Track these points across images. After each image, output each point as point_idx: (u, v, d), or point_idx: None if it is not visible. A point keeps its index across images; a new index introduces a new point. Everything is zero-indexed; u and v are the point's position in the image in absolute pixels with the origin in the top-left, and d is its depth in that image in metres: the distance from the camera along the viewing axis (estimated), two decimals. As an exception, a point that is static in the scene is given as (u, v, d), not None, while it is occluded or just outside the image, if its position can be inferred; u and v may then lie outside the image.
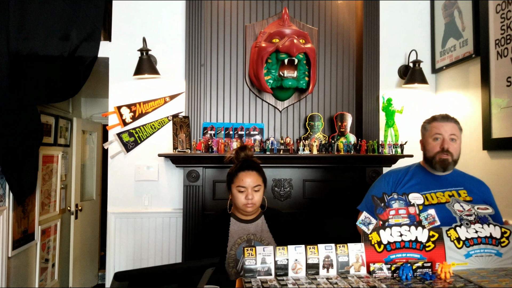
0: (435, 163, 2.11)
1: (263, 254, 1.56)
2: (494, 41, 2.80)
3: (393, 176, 2.24)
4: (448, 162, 2.09)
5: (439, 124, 2.13)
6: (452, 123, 2.14)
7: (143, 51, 3.10)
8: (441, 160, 2.09)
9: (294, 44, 2.99)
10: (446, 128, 2.11)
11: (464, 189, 2.10)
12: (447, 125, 2.12)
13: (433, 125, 2.15)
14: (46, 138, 4.03)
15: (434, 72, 3.57)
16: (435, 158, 2.11)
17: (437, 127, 2.13)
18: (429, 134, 2.15)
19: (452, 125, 2.13)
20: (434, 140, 2.12)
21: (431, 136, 2.13)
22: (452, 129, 2.11)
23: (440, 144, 2.09)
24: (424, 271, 1.55)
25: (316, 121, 3.35)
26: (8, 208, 3.15)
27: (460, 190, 2.09)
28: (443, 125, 2.12)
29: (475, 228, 1.68)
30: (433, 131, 2.13)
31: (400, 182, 2.19)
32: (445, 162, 2.09)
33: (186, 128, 3.14)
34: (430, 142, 2.14)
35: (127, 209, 3.29)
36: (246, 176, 2.16)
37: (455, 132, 2.12)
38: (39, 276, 3.91)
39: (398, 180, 2.21)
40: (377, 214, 1.64)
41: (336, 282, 1.47)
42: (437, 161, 2.10)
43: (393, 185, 2.20)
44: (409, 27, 3.58)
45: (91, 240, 5.23)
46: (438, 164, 2.10)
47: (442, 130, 2.11)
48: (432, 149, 2.12)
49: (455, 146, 2.10)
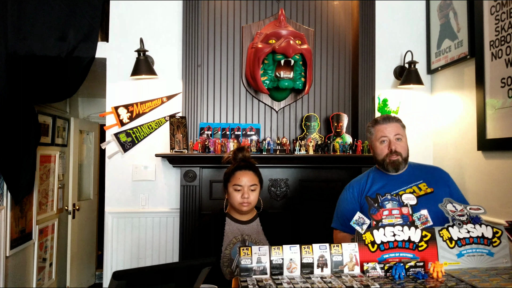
0: (387, 165, 2.14)
1: (258, 254, 1.58)
2: (489, 43, 2.83)
3: (356, 186, 2.26)
4: (399, 162, 2.13)
5: (383, 127, 2.16)
6: (395, 122, 2.17)
7: (140, 52, 3.12)
8: (391, 162, 2.13)
9: (290, 45, 3.01)
10: (390, 129, 2.14)
11: (423, 182, 2.14)
12: (390, 126, 2.15)
13: (377, 128, 2.18)
14: (43, 138, 4.04)
15: (429, 73, 3.59)
16: (385, 160, 2.14)
17: (381, 130, 2.15)
18: (375, 138, 2.18)
19: (395, 125, 2.16)
20: (381, 143, 2.15)
21: (377, 140, 2.16)
22: (396, 129, 2.15)
23: (388, 146, 2.13)
24: (417, 271, 1.57)
25: (312, 121, 3.37)
26: (6, 207, 3.17)
27: (419, 184, 2.13)
28: (386, 126, 2.15)
29: (467, 228, 1.71)
30: (378, 135, 2.16)
31: (363, 190, 2.22)
32: (395, 163, 2.13)
33: (183, 128, 3.15)
34: (377, 145, 2.17)
35: (124, 209, 3.31)
36: (243, 175, 2.19)
37: (399, 132, 2.15)
38: (37, 275, 3.92)
39: (361, 189, 2.23)
40: (371, 214, 1.66)
41: (330, 281, 1.49)
42: (388, 163, 2.14)
43: (358, 195, 2.23)
44: (404, 28, 3.61)
45: (88, 239, 5.24)
46: (390, 165, 2.14)
47: (387, 132, 2.14)
48: (381, 152, 2.16)
49: (402, 145, 2.14)
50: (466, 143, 3.09)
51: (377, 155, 2.18)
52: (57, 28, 3.09)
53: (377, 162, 2.21)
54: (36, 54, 3.03)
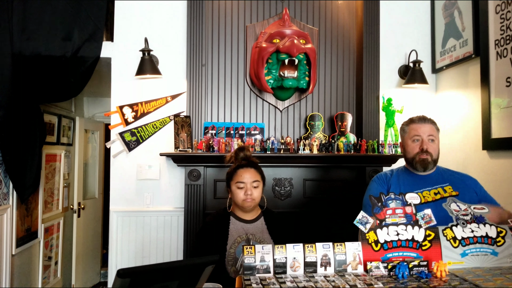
0: (416, 163, 2.16)
1: (262, 252, 1.59)
2: (494, 42, 2.82)
3: (383, 178, 2.29)
4: (428, 162, 2.15)
5: (417, 126, 2.18)
6: (430, 124, 2.19)
7: (145, 51, 3.13)
8: (421, 160, 2.15)
9: (294, 45, 3.01)
10: (424, 129, 2.16)
11: (449, 185, 2.15)
12: (425, 126, 2.17)
13: (411, 127, 2.20)
14: (49, 137, 4.06)
15: (434, 72, 3.58)
16: (415, 158, 2.16)
17: (416, 129, 2.18)
18: (408, 136, 2.20)
19: (429, 126, 2.18)
20: (413, 142, 2.17)
21: (410, 138, 2.19)
22: (430, 130, 2.17)
23: (419, 145, 2.15)
24: (420, 270, 1.57)
25: (317, 120, 3.37)
26: (12, 206, 3.19)
27: (445, 187, 2.14)
28: (421, 126, 2.17)
29: (471, 228, 1.70)
30: (411, 133, 2.19)
31: (389, 180, 2.25)
32: (425, 162, 2.14)
33: (188, 127, 3.16)
34: (409, 143, 2.19)
35: (129, 208, 3.33)
36: (245, 172, 2.21)
37: (433, 133, 2.17)
38: (42, 274, 3.95)
39: (388, 179, 2.27)
40: (374, 213, 1.66)
41: (333, 280, 1.50)
42: (417, 161, 2.16)
43: (385, 184, 2.26)
44: (409, 27, 3.60)
45: (93, 238, 5.26)
46: (419, 164, 2.16)
47: (421, 132, 2.16)
48: (412, 151, 2.18)
49: (434, 147, 2.16)
50: (471, 142, 3.08)
51: (408, 153, 2.20)
52: (62, 28, 3.10)
53: (407, 160, 2.24)
54: (41, 54, 3.04)
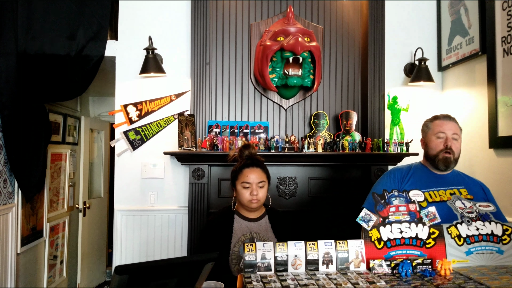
0: (438, 161, 2.11)
1: (263, 250, 1.57)
2: (501, 39, 2.78)
3: (398, 173, 2.24)
4: (450, 161, 2.10)
5: (442, 123, 2.14)
6: (454, 122, 2.16)
7: (149, 50, 3.13)
8: (444, 158, 2.10)
9: (299, 43, 2.99)
10: (449, 126, 2.13)
11: (464, 188, 2.11)
12: (450, 123, 2.14)
13: (436, 124, 2.16)
14: (54, 136, 4.08)
15: (440, 70, 3.54)
16: (438, 156, 2.11)
17: (441, 125, 2.14)
18: (432, 132, 2.15)
19: (454, 125, 2.15)
20: (437, 138, 2.13)
21: (434, 134, 2.14)
22: (454, 128, 2.14)
23: (444, 142, 2.10)
24: (424, 268, 1.55)
25: (321, 119, 3.35)
26: (17, 205, 3.20)
27: (461, 189, 2.10)
28: (446, 123, 2.14)
29: (476, 226, 1.68)
30: (436, 129, 2.14)
31: (403, 179, 2.20)
32: (447, 160, 2.10)
33: (192, 126, 3.16)
34: (433, 140, 2.14)
35: (133, 207, 3.33)
36: (251, 172, 2.18)
37: (457, 132, 2.14)
38: (48, 273, 3.96)
39: (402, 178, 2.22)
40: (377, 210, 1.64)
41: (335, 278, 1.48)
42: (440, 159, 2.11)
43: (398, 182, 2.21)
44: (415, 24, 3.57)
45: (99, 237, 5.28)
46: (441, 162, 2.11)
47: (446, 128, 2.12)
48: (435, 147, 2.13)
49: (457, 145, 2.12)
50: (477, 140, 3.04)
51: (431, 150, 2.15)
52: (66, 27, 3.11)
53: (428, 157, 2.18)
54: (46, 53, 3.06)
